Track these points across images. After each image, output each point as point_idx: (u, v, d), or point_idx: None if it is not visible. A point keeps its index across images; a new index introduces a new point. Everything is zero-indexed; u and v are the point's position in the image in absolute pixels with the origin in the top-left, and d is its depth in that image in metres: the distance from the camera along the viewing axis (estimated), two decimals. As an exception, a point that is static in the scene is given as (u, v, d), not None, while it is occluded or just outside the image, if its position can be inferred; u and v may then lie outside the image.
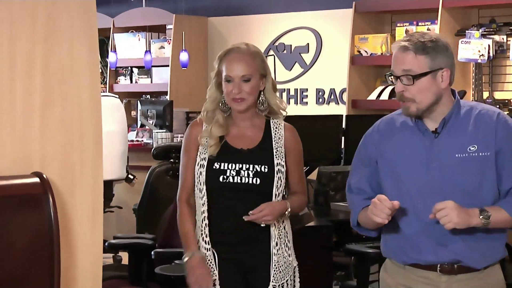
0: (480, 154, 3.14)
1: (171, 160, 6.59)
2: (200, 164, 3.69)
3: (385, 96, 8.01)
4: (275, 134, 3.74)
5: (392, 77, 3.17)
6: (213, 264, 3.67)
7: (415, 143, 3.22)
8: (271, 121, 3.76)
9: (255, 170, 3.65)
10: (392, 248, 3.32)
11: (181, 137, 8.69)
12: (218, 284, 3.65)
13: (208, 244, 3.67)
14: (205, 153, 3.69)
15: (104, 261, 4.40)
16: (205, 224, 3.67)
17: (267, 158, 3.69)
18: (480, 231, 3.13)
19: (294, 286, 3.78)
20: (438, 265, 3.19)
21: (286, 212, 3.70)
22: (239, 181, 3.65)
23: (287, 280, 3.72)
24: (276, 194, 3.68)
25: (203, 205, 3.68)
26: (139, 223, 6.58)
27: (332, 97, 8.76)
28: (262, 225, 3.62)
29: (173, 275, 4.35)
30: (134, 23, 9.83)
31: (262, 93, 3.71)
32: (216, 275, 3.65)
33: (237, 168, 3.66)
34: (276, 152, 3.70)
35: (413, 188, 3.20)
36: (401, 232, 3.25)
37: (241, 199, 3.66)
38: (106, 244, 5.05)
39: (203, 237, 3.69)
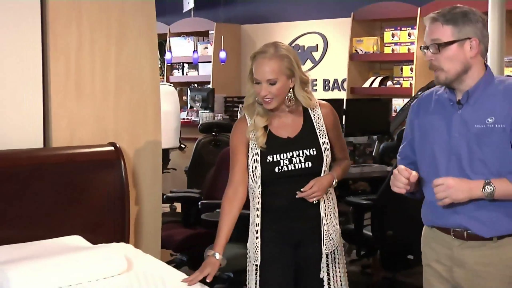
0: (497, 126, 2.49)
1: (213, 133, 6.60)
2: (254, 159, 3.03)
3: (375, 84, 8.01)
4: (314, 115, 3.09)
5: (425, 49, 2.57)
6: (258, 251, 3.06)
7: (443, 113, 2.62)
8: None
9: (305, 155, 3.02)
10: (423, 209, 2.72)
11: (221, 115, 8.71)
12: (258, 269, 3.07)
13: (258, 232, 3.06)
14: (256, 148, 3.03)
15: (163, 209, 4.41)
16: (257, 215, 3.06)
17: (313, 140, 3.04)
18: (495, 202, 2.50)
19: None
20: (452, 230, 2.59)
21: (334, 183, 3.08)
22: (293, 168, 3.01)
23: (337, 247, 3.11)
24: (324, 171, 3.05)
25: (257, 197, 3.06)
26: (189, 181, 6.59)
27: (335, 85, 8.71)
28: (314, 202, 3.02)
29: (215, 220, 4.32)
30: (185, 29, 9.86)
31: (291, 90, 3.03)
32: (259, 262, 3.06)
33: (288, 157, 3.02)
34: (319, 133, 3.06)
35: (436, 155, 2.61)
36: (428, 196, 2.67)
37: (293, 182, 3.01)
38: (164, 196, 5.06)
39: (254, 226, 3.09)
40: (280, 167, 3.01)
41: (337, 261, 3.11)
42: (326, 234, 3.05)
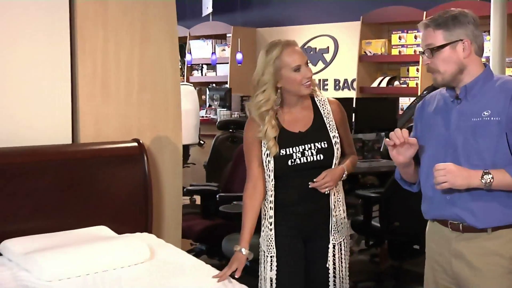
0: (492, 118, 2.42)
1: (230, 130, 6.60)
2: (267, 154, 2.98)
3: (383, 84, 7.98)
4: (323, 110, 3.04)
5: (422, 54, 2.55)
6: (272, 243, 3.02)
7: (444, 109, 2.57)
8: (315, 99, 3.06)
9: (316, 148, 2.96)
10: (423, 206, 2.66)
11: (237, 113, 8.71)
12: (274, 257, 3.02)
13: (271, 225, 3.01)
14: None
15: (183, 202, 4.42)
16: (271, 207, 3.02)
17: (324, 134, 2.99)
18: (491, 193, 2.43)
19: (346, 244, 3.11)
20: (449, 222, 2.53)
21: (344, 175, 3.01)
22: (305, 160, 2.95)
23: (344, 239, 3.07)
24: (335, 164, 2.99)
25: (270, 190, 3.00)
26: (207, 175, 6.60)
27: (345, 85, 8.69)
28: (326, 192, 2.97)
29: (232, 212, 4.36)
30: (204, 32, 9.87)
31: None
32: (274, 254, 3.01)
33: (301, 150, 2.96)
34: (329, 127, 3.01)
35: (435, 149, 2.55)
36: (426, 190, 2.61)
37: (306, 175, 2.96)
38: (184, 189, 5.07)
39: (267, 218, 3.03)
40: (293, 160, 2.96)
41: (343, 252, 3.07)
42: (334, 226, 3.01)
